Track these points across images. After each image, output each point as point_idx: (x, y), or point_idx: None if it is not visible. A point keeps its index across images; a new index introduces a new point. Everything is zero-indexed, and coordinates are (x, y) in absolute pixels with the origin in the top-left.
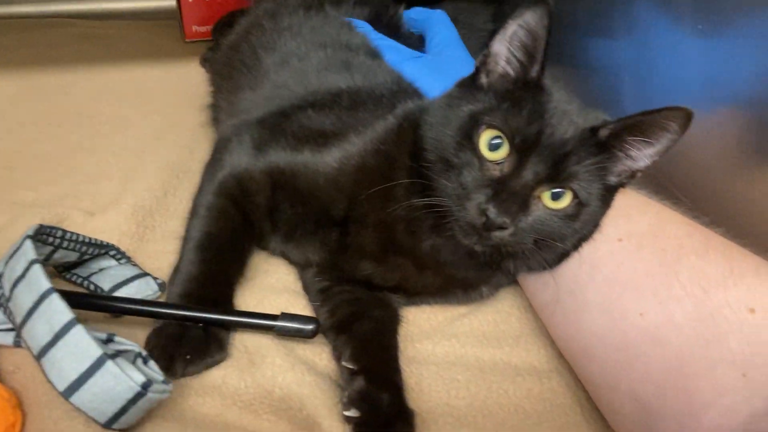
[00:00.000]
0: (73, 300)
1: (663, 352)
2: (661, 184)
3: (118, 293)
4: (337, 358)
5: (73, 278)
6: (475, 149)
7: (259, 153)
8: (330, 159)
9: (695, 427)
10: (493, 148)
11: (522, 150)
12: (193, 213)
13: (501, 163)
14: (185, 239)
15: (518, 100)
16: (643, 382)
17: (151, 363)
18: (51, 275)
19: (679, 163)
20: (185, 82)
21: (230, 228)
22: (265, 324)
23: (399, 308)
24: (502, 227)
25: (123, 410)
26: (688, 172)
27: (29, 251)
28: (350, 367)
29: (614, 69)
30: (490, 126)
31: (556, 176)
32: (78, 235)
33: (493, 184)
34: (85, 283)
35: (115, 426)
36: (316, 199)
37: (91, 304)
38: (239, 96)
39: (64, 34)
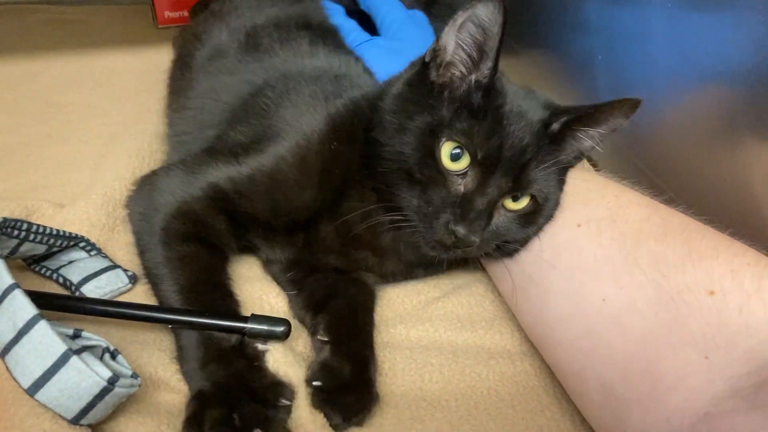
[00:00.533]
0: (36, 300)
1: (626, 336)
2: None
3: (88, 285)
4: (313, 334)
5: (42, 270)
6: (438, 165)
7: (193, 178)
8: (270, 166)
9: (660, 411)
10: (455, 158)
11: (485, 165)
12: (152, 275)
13: (464, 174)
14: (160, 302)
15: (474, 107)
16: (607, 367)
17: (120, 357)
18: (20, 268)
19: (649, 141)
20: (157, 69)
21: (200, 268)
22: (235, 326)
23: (374, 286)
24: (470, 244)
25: (90, 405)
26: (658, 148)
27: None
28: (323, 339)
29: (587, 49)
30: (450, 140)
31: (518, 186)
32: (45, 227)
33: (460, 202)
34: (55, 275)
35: (83, 422)
36: (269, 210)
37: (56, 305)
38: (176, 106)
39: (33, 20)
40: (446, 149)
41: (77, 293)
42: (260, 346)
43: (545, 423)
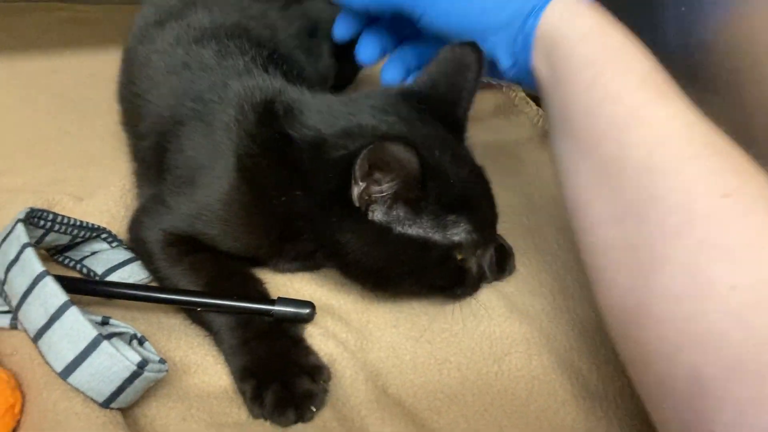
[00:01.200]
0: (67, 285)
1: (747, 333)
2: None
3: (112, 277)
4: None
5: (66, 261)
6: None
7: (163, 215)
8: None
9: (758, 416)
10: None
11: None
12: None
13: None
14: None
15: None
16: (710, 361)
17: (147, 344)
18: (43, 258)
19: None
20: None
21: (214, 265)
22: (262, 309)
23: None
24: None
25: (120, 389)
26: None
27: (21, 235)
28: None
29: None
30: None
31: None
32: (69, 218)
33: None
34: (78, 266)
35: (114, 405)
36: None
37: (85, 289)
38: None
39: (51, 18)
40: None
41: None
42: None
43: (560, 421)
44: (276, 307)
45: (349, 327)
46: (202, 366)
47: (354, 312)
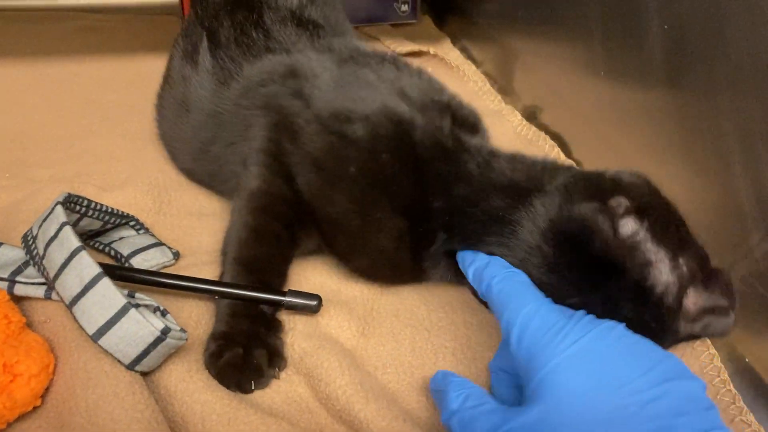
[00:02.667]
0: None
1: None
2: None
3: (137, 258)
4: None
5: (96, 245)
6: None
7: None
8: None
9: None
10: None
11: None
12: (227, 236)
13: None
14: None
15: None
16: None
17: (169, 315)
18: None
19: None
20: None
21: (270, 243)
22: (274, 299)
23: None
24: None
25: (145, 353)
26: None
27: (60, 215)
28: None
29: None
30: None
31: None
32: (102, 204)
33: None
34: (107, 249)
35: (138, 368)
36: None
37: (112, 274)
38: None
39: (72, 26)
40: None
41: (127, 264)
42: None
43: None
44: (287, 298)
45: (351, 315)
46: (204, 337)
47: (360, 301)
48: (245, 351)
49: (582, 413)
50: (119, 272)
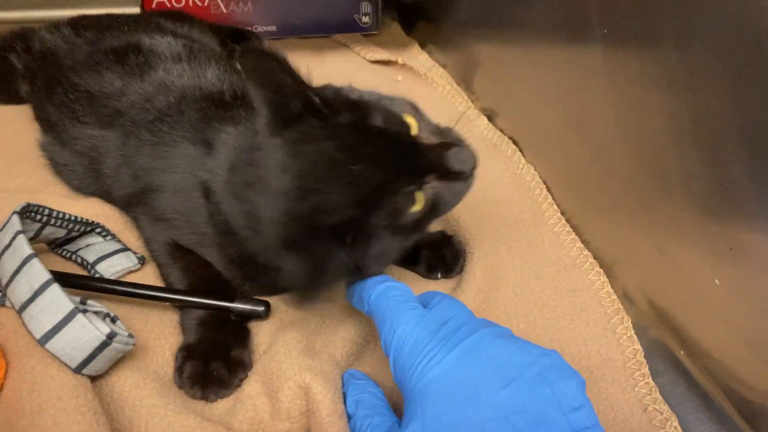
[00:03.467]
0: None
1: None
2: None
3: (102, 264)
4: None
5: (63, 253)
6: None
7: None
8: None
9: None
10: None
11: None
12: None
13: None
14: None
15: None
16: None
17: (119, 322)
18: (43, 251)
19: None
20: None
21: (203, 267)
22: (222, 306)
23: None
24: None
25: (91, 357)
26: None
27: (16, 224)
28: None
29: None
30: None
31: None
32: (65, 213)
33: None
34: (73, 256)
35: (84, 371)
36: None
37: (68, 282)
38: None
39: None
40: None
41: (92, 270)
42: None
43: None
44: (234, 304)
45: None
46: (168, 350)
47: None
48: (205, 363)
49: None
50: (73, 280)
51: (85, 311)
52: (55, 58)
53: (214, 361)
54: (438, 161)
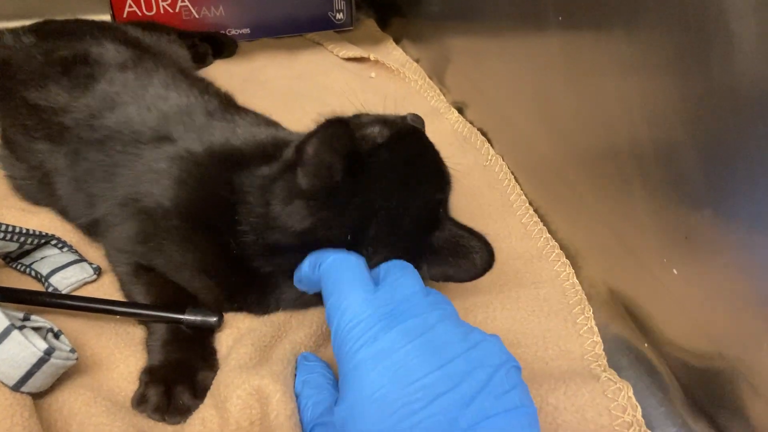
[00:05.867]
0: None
1: None
2: None
3: (56, 277)
4: None
5: (18, 267)
6: None
7: None
8: None
9: None
10: None
11: None
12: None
13: None
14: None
15: None
16: None
17: (62, 337)
18: None
19: None
20: None
21: (165, 284)
22: (173, 317)
23: None
24: None
25: (29, 374)
26: None
27: None
28: None
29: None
30: None
31: None
32: (14, 226)
33: None
34: (28, 270)
35: (24, 389)
36: None
37: (13, 297)
38: None
39: None
40: None
41: (46, 284)
42: None
43: None
44: (185, 316)
45: (265, 324)
46: (122, 364)
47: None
48: (169, 388)
49: (377, 409)
50: (17, 295)
51: (23, 327)
52: (10, 68)
53: (179, 384)
54: None
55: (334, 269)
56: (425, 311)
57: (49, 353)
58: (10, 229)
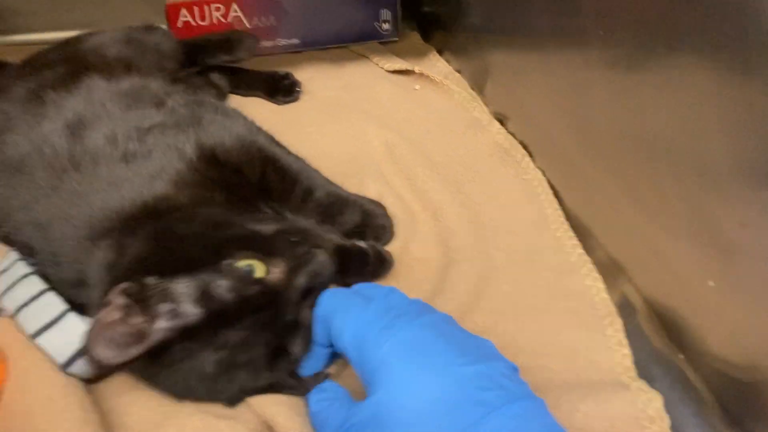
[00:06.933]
0: None
1: None
2: None
3: None
4: None
5: None
6: None
7: None
8: None
9: None
10: None
11: None
12: None
13: None
14: None
15: None
16: None
17: None
18: None
19: None
20: None
21: None
22: None
23: None
24: None
25: (79, 353)
26: None
27: (13, 254)
28: None
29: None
30: None
31: None
32: None
33: None
34: None
35: (72, 369)
36: None
37: None
38: None
39: None
40: None
41: None
42: None
43: None
44: None
45: None
46: None
47: None
48: None
49: (412, 397)
50: None
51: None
52: None
53: None
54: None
55: (328, 301)
56: (426, 311)
57: None
58: None
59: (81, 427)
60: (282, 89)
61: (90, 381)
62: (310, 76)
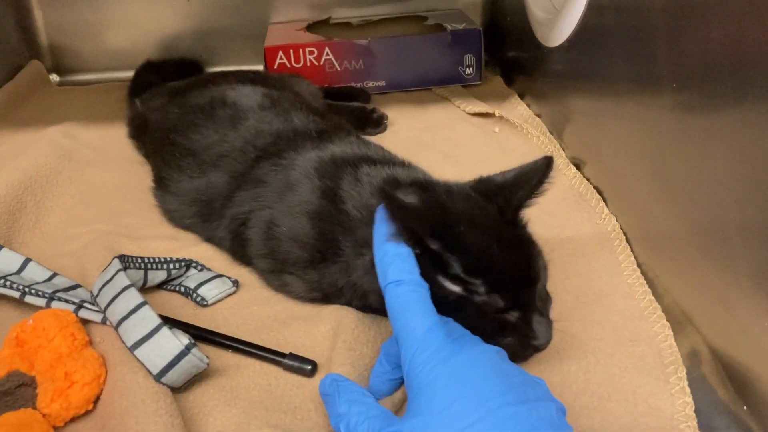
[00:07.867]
0: None
1: None
2: None
3: (202, 289)
4: None
5: (167, 287)
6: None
7: None
8: None
9: None
10: None
11: None
12: None
13: None
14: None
15: None
16: None
17: (195, 349)
18: (152, 290)
19: None
20: None
21: None
22: (274, 359)
23: None
24: None
25: (170, 365)
26: None
27: (116, 264)
28: None
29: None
30: None
31: None
32: (158, 257)
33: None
34: (177, 287)
35: (164, 380)
36: None
37: None
38: None
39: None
40: None
41: (194, 294)
42: None
43: None
44: (285, 360)
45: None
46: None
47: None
48: None
49: (449, 425)
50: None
51: (170, 327)
52: (154, 127)
53: None
54: None
55: (402, 294)
56: (485, 344)
57: (189, 348)
58: (155, 259)
59: (167, 429)
60: (372, 122)
61: (177, 390)
62: (393, 116)
